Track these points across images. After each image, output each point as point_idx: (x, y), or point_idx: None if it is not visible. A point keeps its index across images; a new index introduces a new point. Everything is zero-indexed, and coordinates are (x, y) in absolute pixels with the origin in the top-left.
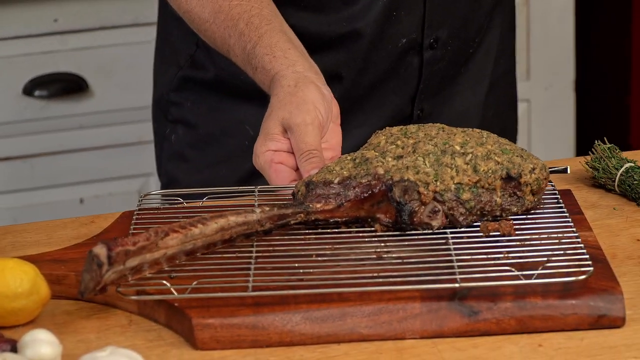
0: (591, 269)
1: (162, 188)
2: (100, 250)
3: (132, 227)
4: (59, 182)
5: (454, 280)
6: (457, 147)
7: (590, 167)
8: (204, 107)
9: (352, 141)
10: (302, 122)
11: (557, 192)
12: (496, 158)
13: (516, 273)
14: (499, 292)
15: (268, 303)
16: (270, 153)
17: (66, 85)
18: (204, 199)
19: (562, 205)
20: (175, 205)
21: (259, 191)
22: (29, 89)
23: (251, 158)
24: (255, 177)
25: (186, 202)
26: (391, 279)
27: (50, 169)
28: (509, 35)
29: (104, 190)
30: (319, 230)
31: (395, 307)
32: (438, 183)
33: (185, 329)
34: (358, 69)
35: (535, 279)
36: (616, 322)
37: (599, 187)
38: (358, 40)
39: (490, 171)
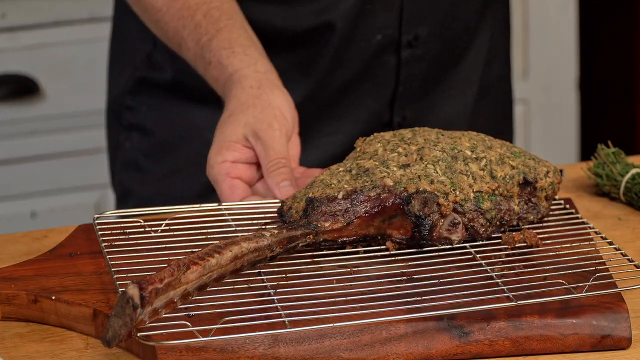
0: None
1: (115, 200)
2: (134, 291)
3: (103, 248)
4: (7, 194)
5: (507, 299)
6: (468, 152)
7: (593, 174)
8: (160, 111)
9: (323, 150)
10: (269, 127)
11: (559, 199)
12: (510, 162)
13: (567, 286)
14: (491, 311)
15: (238, 323)
16: (227, 165)
17: (16, 87)
18: (163, 225)
19: (573, 211)
20: (149, 224)
21: (225, 209)
22: None
23: None
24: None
25: (144, 221)
26: (436, 303)
27: None
28: (503, 38)
29: (58, 203)
30: (324, 252)
31: (377, 327)
32: (457, 192)
33: (148, 352)
34: (328, 68)
35: (587, 291)
36: (621, 343)
37: (602, 196)
38: (328, 35)
39: (507, 177)
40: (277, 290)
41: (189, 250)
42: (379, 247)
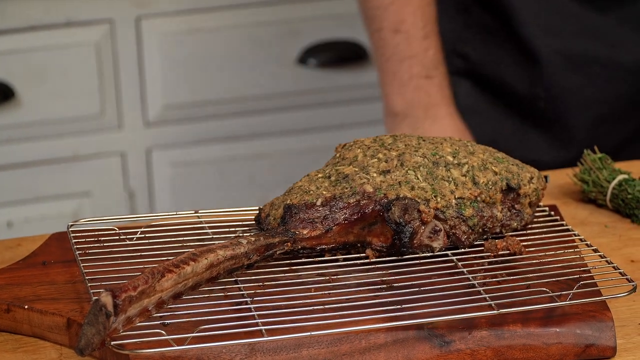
0: (634, 283)
1: None
2: (107, 299)
3: (77, 256)
4: None
5: (489, 308)
6: (450, 158)
7: (579, 180)
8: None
9: None
10: None
11: (544, 206)
12: (493, 168)
13: (551, 294)
14: (473, 320)
15: (214, 332)
16: None
17: None
18: (138, 233)
19: (558, 218)
20: (124, 232)
21: (202, 216)
22: None
23: None
24: None
25: (119, 229)
26: (417, 311)
27: None
28: None
29: (34, 212)
30: (302, 260)
31: (357, 336)
32: (439, 199)
33: None
34: None
35: (570, 299)
36: (606, 353)
37: (588, 202)
38: None
39: (490, 183)
40: (254, 298)
41: (165, 258)
42: (358, 255)
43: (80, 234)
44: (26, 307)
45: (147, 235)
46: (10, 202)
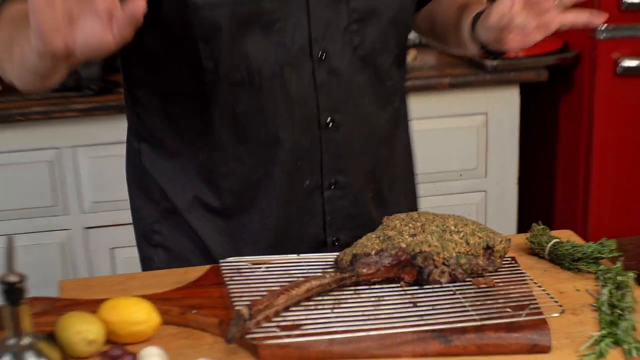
0: (562, 307)
1: None
2: (244, 310)
3: (225, 281)
4: None
5: (475, 320)
6: (452, 227)
7: (529, 241)
8: (175, 229)
9: None
10: None
11: (508, 257)
12: (478, 234)
13: (512, 312)
14: (465, 327)
15: (309, 330)
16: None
17: None
18: (263, 267)
19: (517, 265)
20: (255, 267)
21: (302, 259)
22: None
23: None
24: None
25: (252, 264)
26: (432, 320)
27: None
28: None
29: None
30: (362, 287)
31: (395, 335)
32: (445, 253)
33: (252, 347)
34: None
35: (525, 316)
36: (544, 350)
37: (534, 255)
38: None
39: (476, 243)
40: (334, 309)
41: (279, 284)
42: (395, 285)
43: (227, 266)
44: (194, 312)
45: (269, 268)
46: None
